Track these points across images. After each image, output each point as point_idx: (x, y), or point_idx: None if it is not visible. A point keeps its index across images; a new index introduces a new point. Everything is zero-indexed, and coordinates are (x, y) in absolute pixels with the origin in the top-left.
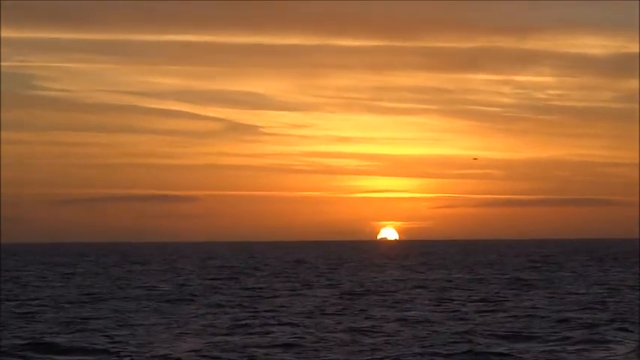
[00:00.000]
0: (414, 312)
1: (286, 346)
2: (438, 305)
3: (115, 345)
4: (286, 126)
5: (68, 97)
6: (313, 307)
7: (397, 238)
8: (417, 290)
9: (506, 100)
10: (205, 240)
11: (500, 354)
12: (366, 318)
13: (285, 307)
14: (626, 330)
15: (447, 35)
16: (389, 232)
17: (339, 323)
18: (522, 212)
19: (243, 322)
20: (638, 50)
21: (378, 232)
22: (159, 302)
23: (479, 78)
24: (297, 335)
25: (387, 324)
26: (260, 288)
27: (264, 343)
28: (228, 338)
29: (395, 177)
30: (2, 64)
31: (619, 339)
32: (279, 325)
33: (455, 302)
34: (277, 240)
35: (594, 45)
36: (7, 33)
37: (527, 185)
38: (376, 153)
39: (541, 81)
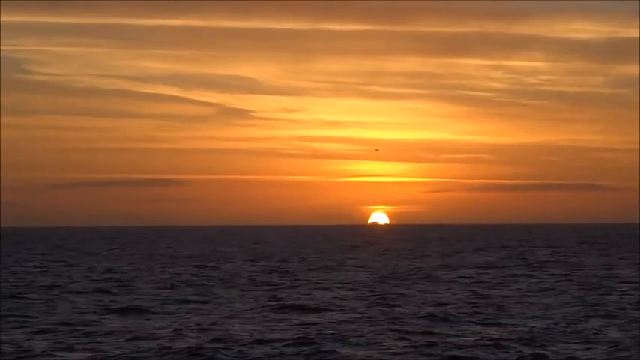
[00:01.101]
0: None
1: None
2: None
3: None
4: (277, 110)
5: (59, 81)
6: None
7: (388, 223)
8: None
9: (497, 84)
10: (196, 224)
11: None
12: None
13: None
14: None
15: (438, 20)
16: (380, 217)
17: None
18: (514, 197)
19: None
20: (629, 35)
21: (368, 217)
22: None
23: (470, 63)
24: None
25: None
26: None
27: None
28: None
29: (386, 161)
30: None
31: None
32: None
33: None
34: (267, 224)
35: (586, 30)
36: None
37: (518, 170)
38: (367, 137)
39: (533, 66)
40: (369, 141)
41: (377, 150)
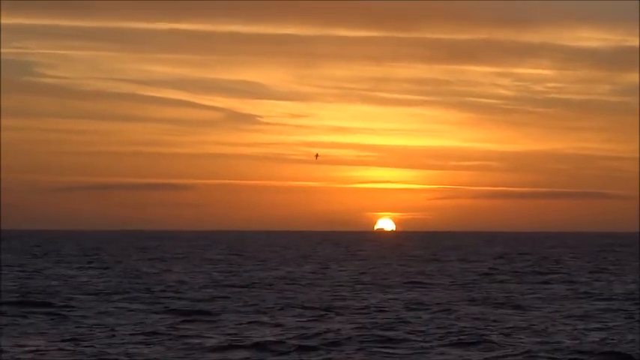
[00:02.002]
0: None
1: None
2: None
3: None
4: (284, 115)
5: (66, 85)
6: None
7: (394, 229)
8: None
9: (504, 92)
10: (202, 229)
11: None
12: None
13: None
14: None
15: (446, 27)
16: (386, 223)
17: None
18: (520, 204)
19: None
20: (637, 44)
21: (374, 223)
22: None
23: (478, 70)
24: None
25: None
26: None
27: None
28: None
29: (393, 168)
30: (1, 50)
31: None
32: None
33: None
34: (274, 229)
35: (593, 38)
36: (6, 19)
37: (525, 178)
38: (374, 144)
39: (540, 73)
40: (376, 147)
41: (316, 156)
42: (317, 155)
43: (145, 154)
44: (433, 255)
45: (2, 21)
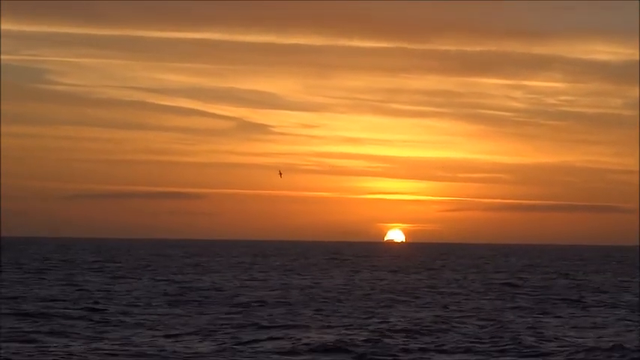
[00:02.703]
0: None
1: None
2: None
3: None
4: (296, 126)
5: (78, 92)
6: None
7: (404, 240)
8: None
9: (516, 104)
10: (213, 238)
11: None
12: None
13: None
14: None
15: (458, 38)
16: (396, 234)
17: None
18: (531, 217)
19: None
20: None
21: (385, 234)
22: None
23: (490, 82)
24: None
25: None
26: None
27: None
28: None
29: (404, 179)
30: (14, 57)
31: None
32: None
33: None
34: (284, 239)
35: (606, 51)
36: (20, 27)
37: (536, 190)
38: (385, 155)
39: (552, 86)
40: (387, 158)
41: (280, 173)
42: (280, 173)
43: (157, 162)
44: (476, 266)
45: (15, 28)
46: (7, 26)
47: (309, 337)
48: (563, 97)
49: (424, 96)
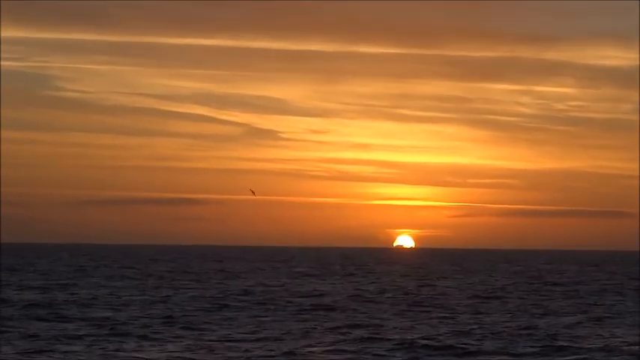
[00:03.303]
0: None
1: None
2: None
3: None
4: (305, 131)
5: (87, 99)
6: None
7: (413, 246)
8: None
9: (526, 110)
10: (222, 244)
11: None
12: None
13: None
14: None
15: (467, 44)
16: (405, 240)
17: None
18: (540, 223)
19: None
20: None
21: (394, 240)
22: None
23: (499, 88)
24: None
25: None
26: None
27: None
28: None
29: (413, 185)
30: (23, 64)
31: None
32: None
33: None
34: (293, 245)
35: (616, 56)
36: (29, 33)
37: (545, 196)
38: (395, 160)
39: (562, 92)
40: (397, 164)
41: (252, 192)
42: (253, 192)
43: (166, 168)
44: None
45: (24, 35)
46: (16, 33)
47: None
48: (572, 103)
49: (434, 102)
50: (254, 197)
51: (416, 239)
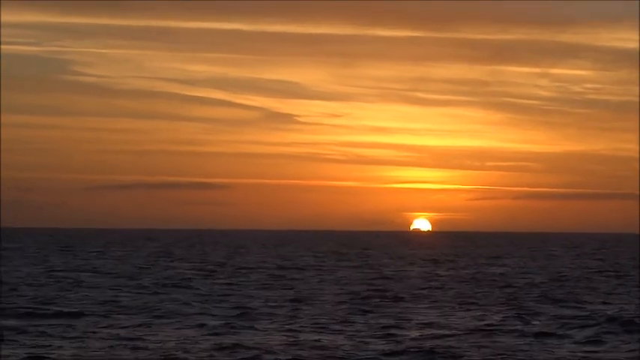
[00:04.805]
0: None
1: None
2: None
3: None
4: (322, 115)
5: (104, 83)
6: None
7: (430, 229)
8: None
9: (543, 92)
10: (238, 228)
11: None
12: None
13: None
14: None
15: (485, 27)
16: (422, 223)
17: None
18: (558, 205)
19: None
20: None
21: (410, 223)
22: None
23: (516, 70)
24: None
25: None
26: None
27: None
28: None
29: (431, 168)
30: (39, 48)
31: None
32: None
33: None
34: (310, 229)
35: (632, 39)
36: (45, 18)
37: (563, 178)
38: (412, 144)
39: (579, 74)
40: (414, 147)
41: None
42: None
43: (184, 153)
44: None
45: (41, 20)
46: (32, 18)
47: None
48: (590, 85)
49: (451, 85)
50: (272, 181)
51: (433, 222)
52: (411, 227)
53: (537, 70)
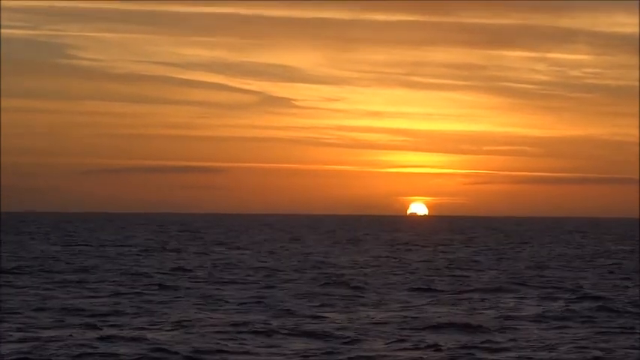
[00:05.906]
0: None
1: None
2: None
3: None
4: (319, 99)
5: (100, 67)
6: None
7: (427, 214)
8: None
9: (541, 77)
10: (235, 212)
11: None
12: None
13: None
14: None
15: (482, 11)
16: (418, 208)
17: None
18: (556, 190)
19: None
20: None
21: (407, 208)
22: None
23: (514, 55)
24: None
25: None
26: None
27: None
28: None
29: (428, 152)
30: (34, 32)
31: None
32: None
33: None
34: (306, 213)
35: (630, 24)
36: (41, 2)
37: (561, 163)
38: (409, 128)
39: (576, 59)
40: (411, 131)
41: None
42: None
43: (179, 137)
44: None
45: (37, 4)
46: (28, 2)
47: None
48: (587, 70)
49: (448, 69)
50: (268, 165)
51: (430, 207)
52: (408, 212)
53: (535, 54)
